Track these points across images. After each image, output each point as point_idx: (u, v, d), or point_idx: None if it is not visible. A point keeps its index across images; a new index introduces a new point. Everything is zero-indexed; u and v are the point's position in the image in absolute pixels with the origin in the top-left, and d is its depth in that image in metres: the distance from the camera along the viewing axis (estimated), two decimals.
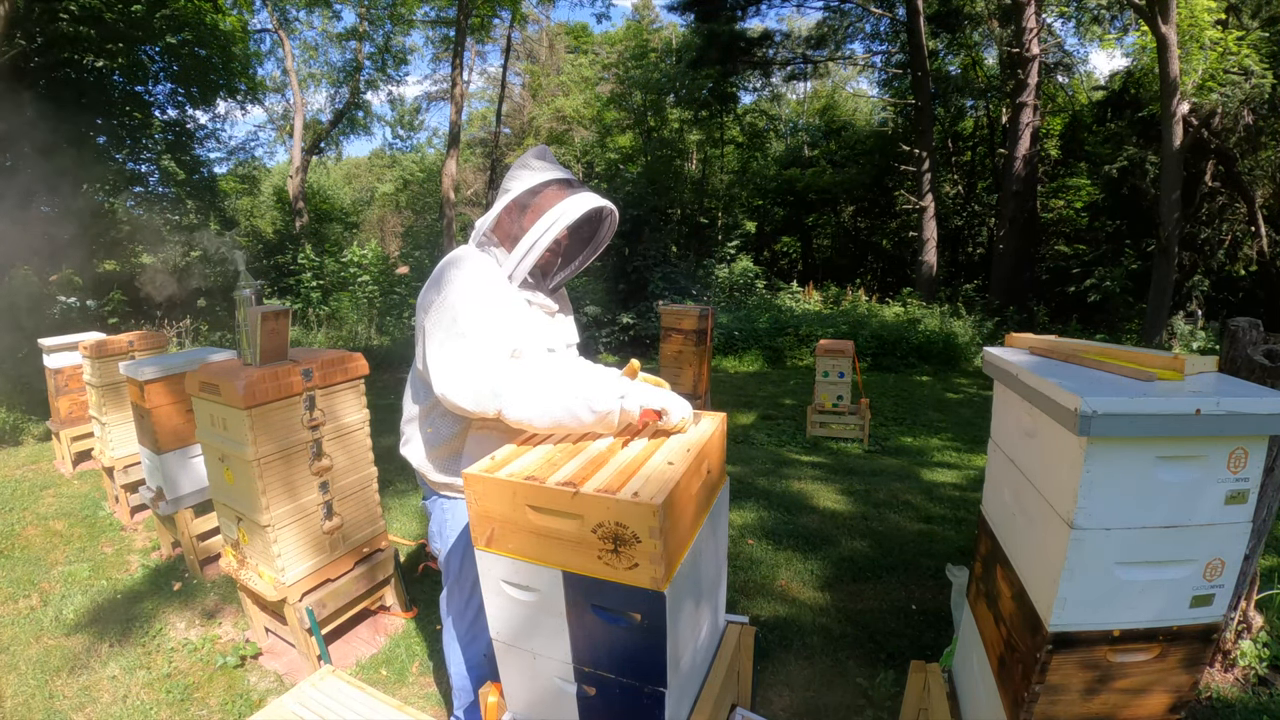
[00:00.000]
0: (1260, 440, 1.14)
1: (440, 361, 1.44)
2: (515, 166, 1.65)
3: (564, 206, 1.54)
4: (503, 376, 1.39)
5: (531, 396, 1.38)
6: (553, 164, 1.64)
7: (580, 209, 1.55)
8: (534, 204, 1.58)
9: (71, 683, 2.37)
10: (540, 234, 1.54)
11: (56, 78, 9.22)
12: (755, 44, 16.41)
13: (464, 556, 1.70)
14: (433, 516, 1.75)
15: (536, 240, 1.54)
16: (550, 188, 1.58)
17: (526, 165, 1.63)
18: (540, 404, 1.38)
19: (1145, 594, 1.20)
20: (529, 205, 1.59)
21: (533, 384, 1.39)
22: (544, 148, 1.69)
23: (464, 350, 1.42)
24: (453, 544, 1.72)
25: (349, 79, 18.55)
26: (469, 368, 1.41)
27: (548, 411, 1.37)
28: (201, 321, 10.27)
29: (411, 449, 1.69)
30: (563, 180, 1.60)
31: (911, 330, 11.10)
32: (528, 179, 1.60)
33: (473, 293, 1.49)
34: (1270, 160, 11.64)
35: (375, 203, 26.34)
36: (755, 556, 3.20)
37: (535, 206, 1.58)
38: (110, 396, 3.65)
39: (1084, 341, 1.52)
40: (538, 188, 1.58)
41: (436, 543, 1.77)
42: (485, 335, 1.44)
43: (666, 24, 22.58)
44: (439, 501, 1.72)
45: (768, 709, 2.14)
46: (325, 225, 17.77)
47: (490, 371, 1.40)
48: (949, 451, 5.73)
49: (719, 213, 18.17)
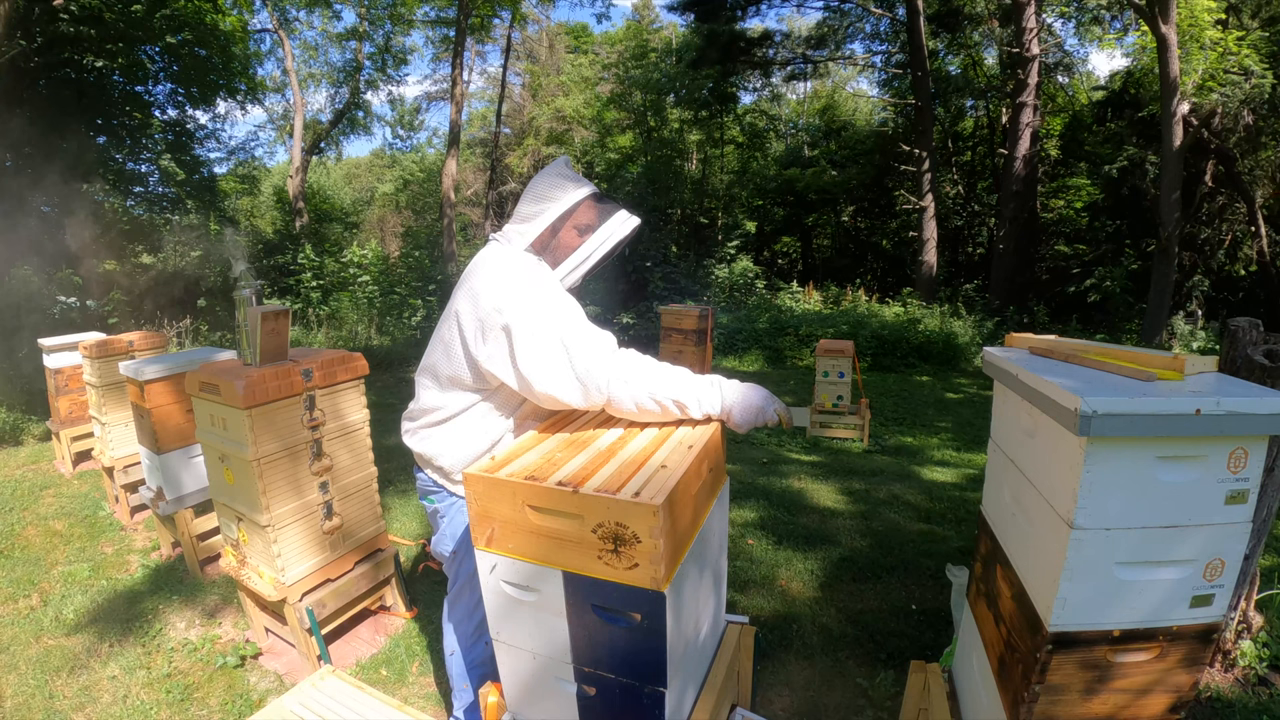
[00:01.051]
0: (1260, 440, 1.14)
1: (546, 361, 1.45)
2: (549, 179, 1.65)
3: (614, 225, 1.62)
4: (616, 367, 1.45)
5: (641, 387, 1.44)
6: (580, 177, 1.69)
7: (628, 228, 1.63)
8: (577, 218, 1.63)
9: (71, 683, 2.37)
10: (593, 249, 1.61)
11: (56, 78, 9.22)
12: (755, 44, 16.42)
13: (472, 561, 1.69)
14: (446, 518, 1.72)
15: (589, 255, 1.61)
16: (589, 201, 1.63)
17: (564, 175, 1.65)
18: (647, 395, 1.44)
19: (1145, 594, 1.20)
20: (572, 218, 1.63)
21: (644, 375, 1.45)
22: (567, 157, 1.76)
23: (578, 346, 1.45)
24: (469, 546, 1.69)
25: (349, 79, 18.56)
26: (585, 363, 1.43)
27: (655, 399, 1.44)
28: (201, 321, 10.26)
29: (439, 447, 1.65)
30: (596, 195, 1.65)
31: (911, 330, 11.10)
32: (572, 193, 1.62)
33: (558, 294, 1.53)
34: (1270, 160, 11.64)
35: (375, 203, 26.34)
36: (755, 556, 3.20)
37: (583, 223, 1.63)
38: (110, 396, 3.65)
39: (1084, 341, 1.52)
40: (581, 201, 1.62)
41: (446, 544, 1.73)
42: (590, 332, 1.49)
43: (666, 24, 22.62)
44: (456, 503, 1.69)
45: (768, 709, 2.14)
46: (325, 225, 17.77)
47: (605, 363, 1.44)
48: (949, 451, 5.73)
49: (719, 213, 18.17)
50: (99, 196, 10.72)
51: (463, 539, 1.71)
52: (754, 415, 1.47)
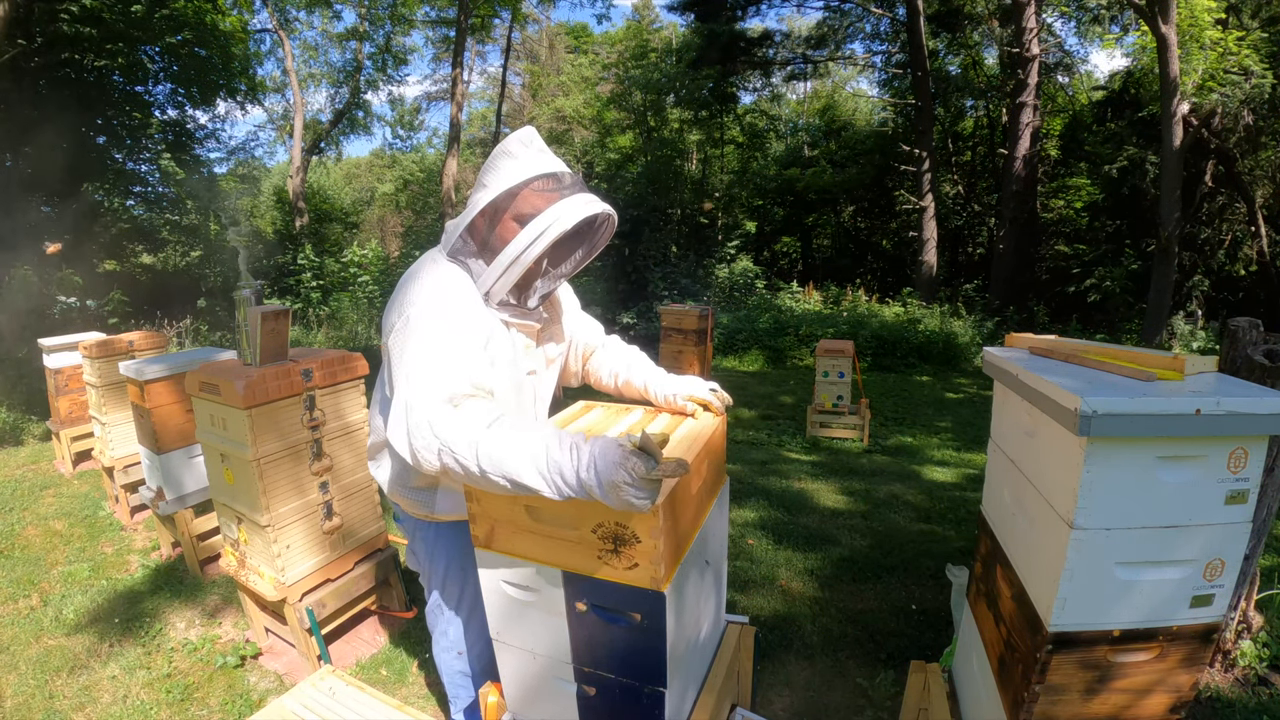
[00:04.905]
0: (1260, 440, 1.14)
1: (394, 404, 1.24)
2: (495, 154, 1.36)
3: (554, 214, 1.27)
4: (451, 435, 1.13)
5: (470, 463, 1.12)
6: (539, 150, 1.35)
7: (573, 218, 1.28)
8: (517, 207, 1.32)
9: (71, 683, 2.37)
10: (524, 247, 1.28)
11: (56, 78, 9.22)
12: (755, 44, 16.43)
13: (445, 577, 1.66)
14: (410, 536, 1.67)
15: (520, 255, 1.29)
16: (535, 184, 1.30)
17: (508, 153, 1.33)
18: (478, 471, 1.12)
19: (1145, 594, 1.20)
20: (510, 208, 1.32)
21: (479, 447, 1.11)
22: (530, 130, 1.38)
23: (408, 395, 1.20)
24: (432, 568, 1.67)
25: (349, 79, 18.55)
26: (410, 419, 1.18)
27: (488, 478, 1.11)
28: (201, 321, 10.27)
29: (382, 474, 1.57)
30: (549, 175, 1.31)
31: (911, 330, 11.10)
32: (509, 173, 1.31)
33: (440, 326, 1.26)
34: (1270, 160, 11.63)
35: (375, 203, 26.33)
36: (755, 556, 3.20)
37: (519, 211, 1.31)
38: (110, 396, 3.65)
39: (1084, 341, 1.52)
40: (519, 187, 1.30)
41: (418, 562, 1.70)
42: (432, 378, 1.20)
43: (666, 24, 22.59)
44: (416, 524, 1.64)
45: (768, 709, 2.14)
46: (325, 225, 17.77)
47: (433, 426, 1.15)
48: (949, 451, 5.73)
49: (719, 213, 18.18)
50: (99, 196, 10.73)
51: (421, 557, 1.67)
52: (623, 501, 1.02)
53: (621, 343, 1.78)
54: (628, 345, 1.77)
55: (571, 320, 1.72)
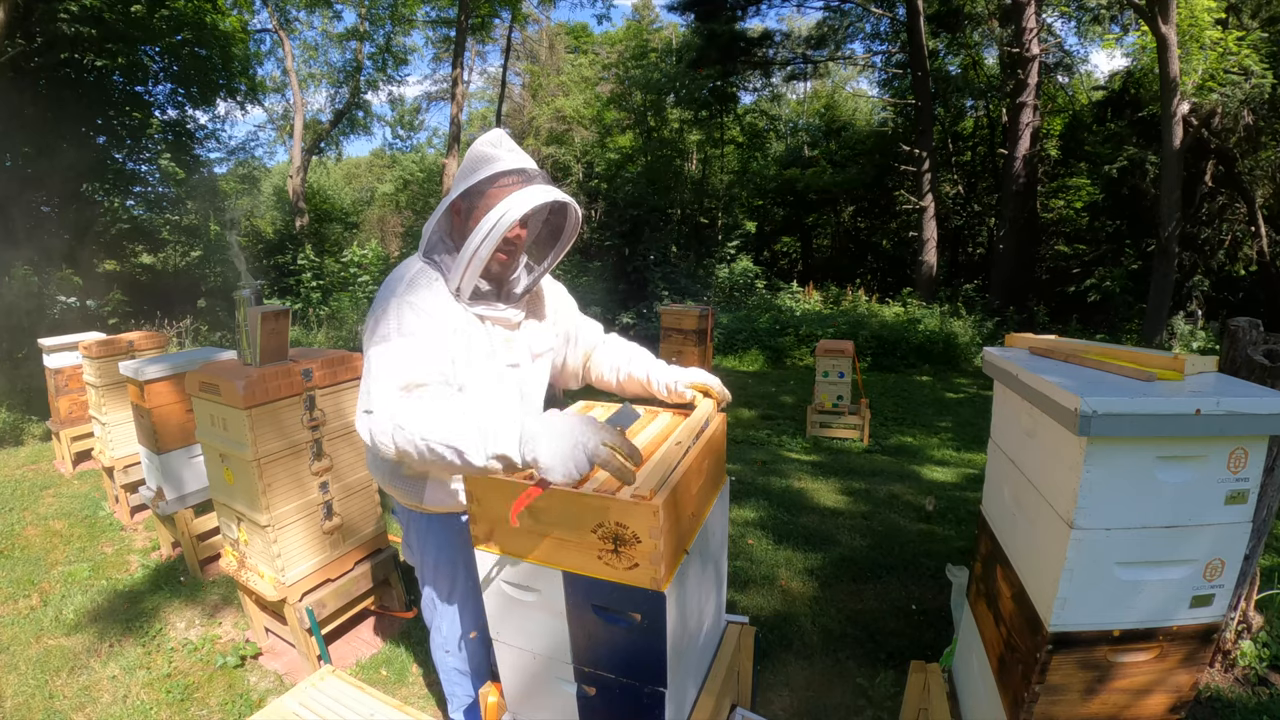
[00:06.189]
0: (1260, 440, 1.14)
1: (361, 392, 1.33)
2: (466, 157, 1.44)
3: (505, 206, 1.32)
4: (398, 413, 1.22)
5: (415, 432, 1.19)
6: (507, 150, 1.41)
7: (522, 207, 1.32)
8: (475, 205, 1.38)
9: (71, 683, 2.37)
10: (480, 241, 1.33)
11: (56, 78, 9.23)
12: (755, 44, 16.40)
13: (436, 569, 1.67)
14: (405, 527, 1.70)
15: (477, 248, 1.34)
16: (497, 182, 1.36)
17: (473, 155, 1.42)
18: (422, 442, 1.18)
19: (1145, 594, 1.20)
20: (470, 206, 1.39)
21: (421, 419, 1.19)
22: (498, 132, 1.45)
23: (369, 383, 1.30)
24: (424, 560, 1.68)
25: (349, 79, 18.54)
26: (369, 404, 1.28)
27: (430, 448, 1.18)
28: (201, 321, 10.28)
29: (376, 467, 1.63)
30: (510, 171, 1.37)
31: (911, 330, 11.10)
32: (471, 173, 1.39)
33: (390, 318, 1.35)
34: (1270, 160, 11.63)
35: (375, 203, 26.33)
36: (755, 556, 3.20)
37: (476, 207, 1.38)
38: (110, 396, 3.65)
39: (1084, 341, 1.52)
40: (482, 184, 1.37)
41: (412, 554, 1.72)
42: (390, 367, 1.29)
43: (666, 24, 22.59)
44: (409, 516, 1.67)
45: (768, 709, 2.14)
46: (325, 225, 17.78)
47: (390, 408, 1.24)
48: (949, 451, 5.73)
49: (719, 213, 18.18)
50: (99, 196, 10.73)
51: (415, 548, 1.69)
52: (569, 452, 1.09)
53: (621, 339, 1.80)
54: (628, 341, 1.79)
55: (569, 320, 1.75)
